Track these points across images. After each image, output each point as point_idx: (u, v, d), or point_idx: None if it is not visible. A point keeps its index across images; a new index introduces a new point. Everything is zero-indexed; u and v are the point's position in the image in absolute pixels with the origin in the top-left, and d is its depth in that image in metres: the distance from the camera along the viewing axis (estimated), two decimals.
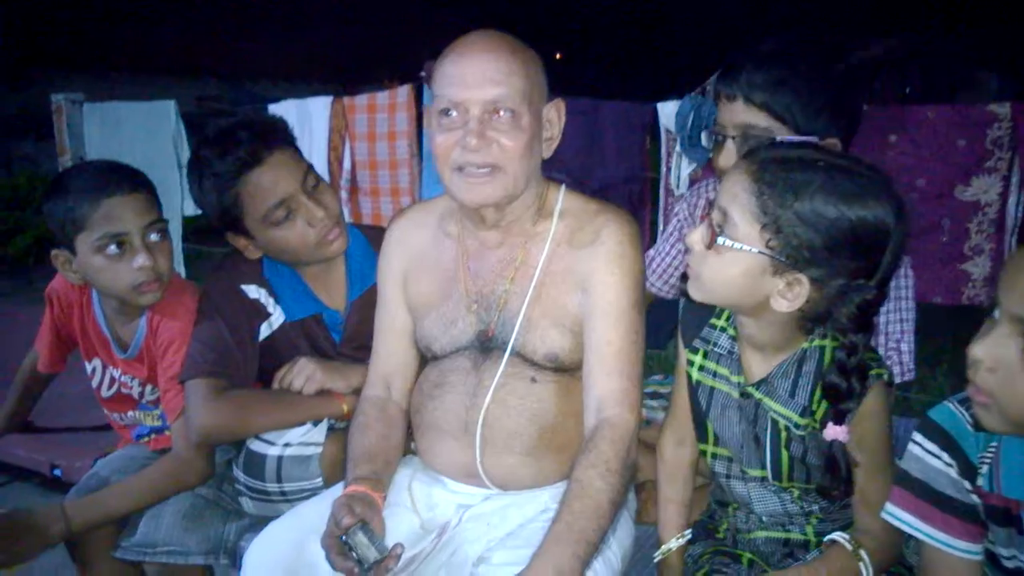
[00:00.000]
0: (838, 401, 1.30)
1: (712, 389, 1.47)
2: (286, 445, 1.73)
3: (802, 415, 1.36)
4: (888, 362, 1.70)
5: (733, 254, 1.27)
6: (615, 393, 1.44)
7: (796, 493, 1.44)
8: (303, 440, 1.74)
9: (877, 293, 1.26)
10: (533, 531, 1.41)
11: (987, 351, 1.07)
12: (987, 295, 2.98)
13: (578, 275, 1.49)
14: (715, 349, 1.46)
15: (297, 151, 1.83)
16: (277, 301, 1.87)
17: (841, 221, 1.22)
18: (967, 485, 1.20)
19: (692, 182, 3.27)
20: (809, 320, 1.32)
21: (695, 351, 1.49)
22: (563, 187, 1.59)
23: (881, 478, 1.35)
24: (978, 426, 1.15)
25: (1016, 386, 1.04)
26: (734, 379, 1.44)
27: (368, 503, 1.43)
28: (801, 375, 1.36)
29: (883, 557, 1.36)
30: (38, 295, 2.08)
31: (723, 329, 1.46)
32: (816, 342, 1.36)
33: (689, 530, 1.55)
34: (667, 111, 3.25)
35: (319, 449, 1.74)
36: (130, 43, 11.86)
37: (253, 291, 1.86)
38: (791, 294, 1.26)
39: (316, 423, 1.76)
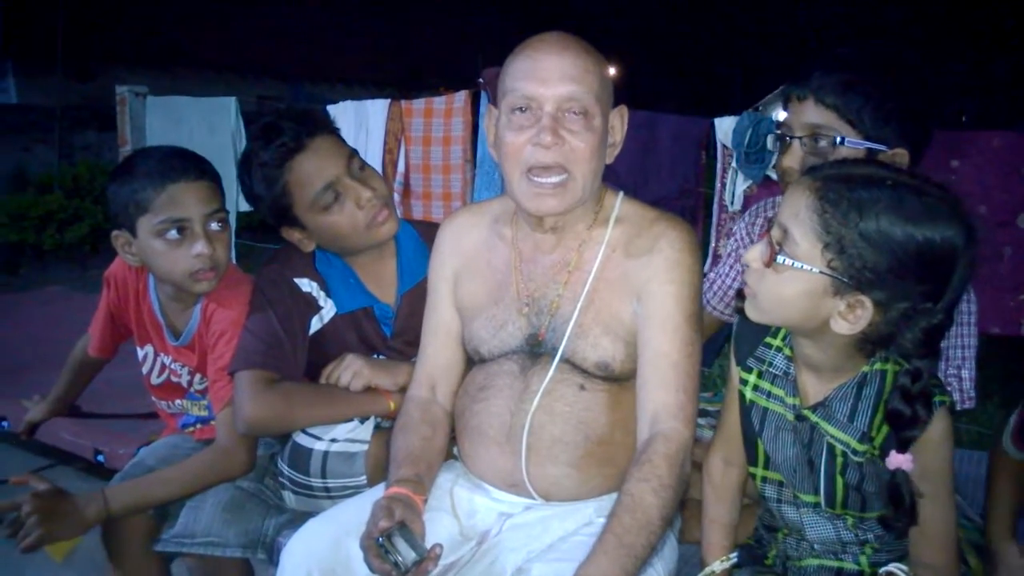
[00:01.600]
0: (902, 429, 1.25)
1: (766, 410, 1.43)
2: (332, 441, 1.73)
3: (860, 441, 1.31)
4: (948, 388, 1.65)
5: (792, 273, 1.23)
6: (670, 407, 1.41)
7: (850, 521, 1.39)
8: (349, 437, 1.74)
9: (944, 318, 1.21)
10: (575, 544, 1.39)
11: None
12: None
13: (633, 283, 1.47)
14: (770, 369, 1.42)
15: (339, 138, 1.86)
16: (329, 295, 1.88)
17: (908, 242, 1.17)
18: None
19: (746, 199, 3.23)
20: (870, 343, 1.27)
21: (749, 370, 1.45)
22: (620, 194, 1.58)
23: (943, 509, 1.30)
24: None
25: None
26: (789, 401, 1.39)
27: (409, 506, 1.42)
28: (861, 399, 1.32)
29: None
30: (93, 283, 2.12)
31: (779, 349, 1.42)
32: (878, 365, 1.32)
33: (734, 553, 1.50)
34: (724, 127, 3.22)
35: (364, 447, 1.73)
36: (194, 40, 12.14)
37: (305, 284, 1.87)
38: (852, 316, 1.22)
39: (362, 420, 1.76)
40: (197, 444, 1.93)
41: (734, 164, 3.16)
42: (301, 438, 1.75)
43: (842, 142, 1.59)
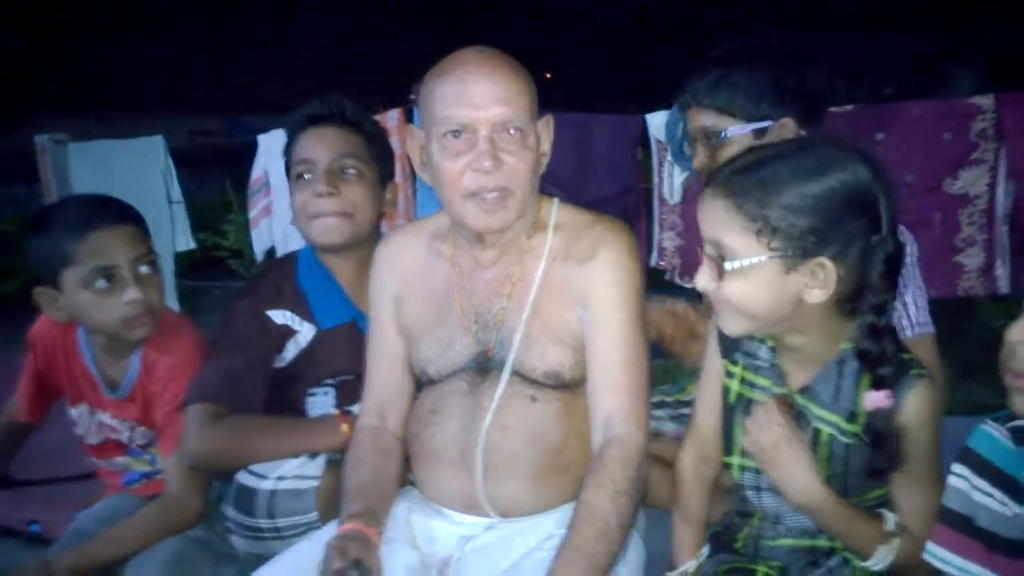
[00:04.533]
0: (874, 366, 1.27)
1: (750, 401, 1.42)
2: (279, 478, 1.68)
3: (849, 420, 1.32)
4: (899, 324, 1.73)
5: (744, 272, 1.26)
6: (622, 410, 1.41)
7: None
8: (298, 473, 1.69)
9: (894, 242, 1.26)
10: (537, 560, 1.37)
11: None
12: (983, 286, 3.00)
13: (576, 289, 1.46)
14: (755, 361, 1.42)
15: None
16: (307, 316, 1.84)
17: (826, 193, 1.22)
18: (1021, 511, 1.12)
19: (685, 190, 3.27)
20: (848, 300, 1.29)
21: (735, 363, 1.45)
22: (556, 200, 1.57)
23: (922, 489, 1.30)
24: (1019, 438, 1.10)
25: None
26: (776, 390, 1.40)
27: (363, 541, 1.38)
28: (843, 377, 1.33)
29: (907, 560, 1.31)
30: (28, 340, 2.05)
31: (762, 341, 1.42)
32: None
33: (705, 548, 1.50)
34: (656, 122, 3.26)
35: (314, 483, 1.68)
36: (119, 81, 11.97)
37: (279, 316, 1.83)
38: (818, 282, 1.25)
39: (313, 456, 1.71)
40: (141, 501, 1.86)
41: (669, 158, 3.19)
42: (245, 478, 1.70)
43: (726, 135, 1.73)
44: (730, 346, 1.45)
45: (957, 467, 1.17)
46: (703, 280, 1.31)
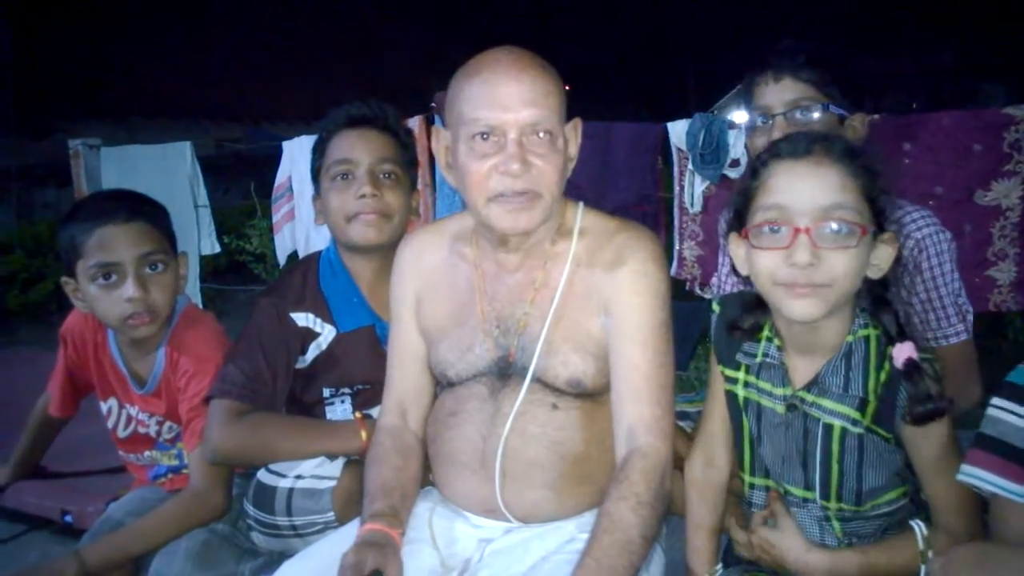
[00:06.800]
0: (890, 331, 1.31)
1: (759, 406, 1.41)
2: (297, 477, 1.69)
3: (859, 409, 1.31)
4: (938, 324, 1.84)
5: (855, 244, 1.26)
6: (645, 421, 1.38)
7: (837, 527, 1.37)
8: (315, 473, 1.70)
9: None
10: (557, 564, 1.36)
11: None
12: (1015, 300, 2.92)
13: (600, 297, 1.43)
14: (765, 360, 1.40)
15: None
16: (328, 319, 1.85)
17: (881, 175, 1.30)
18: None
19: (706, 199, 3.25)
20: (878, 287, 1.32)
21: (737, 367, 1.43)
22: (581, 205, 1.54)
23: (949, 479, 1.28)
24: None
25: None
26: (778, 392, 1.38)
27: (385, 542, 1.36)
28: (852, 368, 1.33)
29: None
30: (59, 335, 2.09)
31: (769, 339, 1.40)
32: (860, 333, 1.34)
33: (719, 565, 1.48)
34: (677, 130, 3.25)
35: (331, 483, 1.68)
36: (147, 90, 12.12)
37: (302, 319, 1.84)
38: (882, 256, 1.29)
39: (332, 458, 1.72)
40: (167, 495, 1.88)
41: (690, 166, 3.18)
42: (265, 476, 1.71)
43: (827, 108, 1.74)
44: (727, 352, 1.44)
45: (997, 400, 1.20)
46: (806, 256, 1.24)
